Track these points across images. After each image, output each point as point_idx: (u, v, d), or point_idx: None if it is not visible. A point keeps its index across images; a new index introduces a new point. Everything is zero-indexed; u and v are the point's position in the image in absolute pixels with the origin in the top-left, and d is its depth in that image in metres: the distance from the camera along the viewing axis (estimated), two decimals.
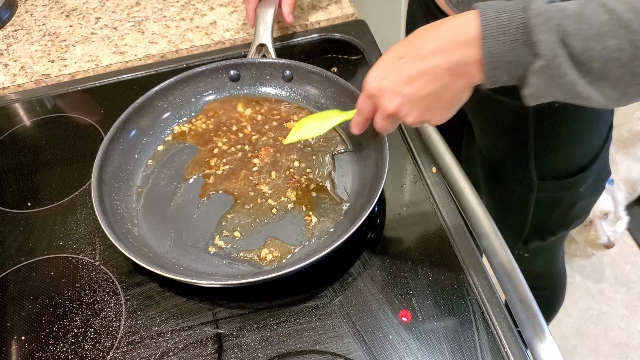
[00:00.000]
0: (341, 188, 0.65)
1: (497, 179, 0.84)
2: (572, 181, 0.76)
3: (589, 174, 0.76)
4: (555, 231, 0.89)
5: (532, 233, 0.88)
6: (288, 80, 0.75)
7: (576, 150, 0.73)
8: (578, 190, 0.78)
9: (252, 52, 0.77)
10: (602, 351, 1.49)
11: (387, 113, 0.53)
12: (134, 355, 0.54)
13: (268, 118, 0.73)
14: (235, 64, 0.75)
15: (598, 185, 0.82)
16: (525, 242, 0.90)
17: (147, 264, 0.55)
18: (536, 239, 0.90)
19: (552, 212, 0.82)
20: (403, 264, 0.58)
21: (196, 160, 0.69)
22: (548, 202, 0.80)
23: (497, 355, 0.51)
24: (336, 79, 0.71)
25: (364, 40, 0.85)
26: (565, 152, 0.73)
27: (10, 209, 0.68)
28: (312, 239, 0.61)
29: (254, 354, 0.53)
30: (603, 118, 0.72)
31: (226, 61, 0.75)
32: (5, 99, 0.83)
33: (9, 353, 0.55)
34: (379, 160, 0.62)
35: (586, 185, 0.78)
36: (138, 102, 0.69)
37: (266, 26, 0.77)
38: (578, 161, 0.75)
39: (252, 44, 0.77)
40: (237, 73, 0.75)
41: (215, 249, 0.61)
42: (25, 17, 0.96)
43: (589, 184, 0.78)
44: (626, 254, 1.68)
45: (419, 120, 0.53)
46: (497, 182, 0.85)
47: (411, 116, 0.52)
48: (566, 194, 0.78)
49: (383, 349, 0.52)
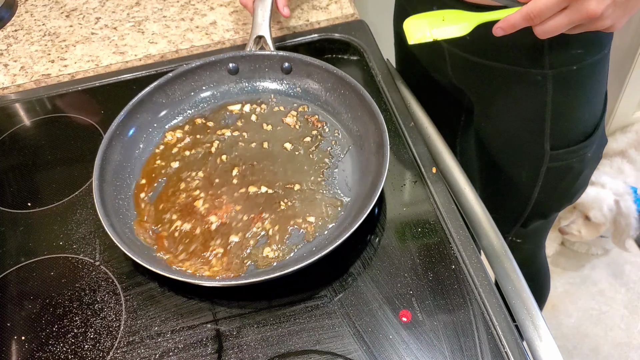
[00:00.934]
0: (342, 183, 0.65)
1: (502, 163, 0.85)
2: (581, 146, 0.78)
3: (595, 138, 0.79)
4: (560, 205, 0.91)
5: (535, 212, 0.90)
6: (287, 72, 0.75)
7: (586, 113, 0.76)
8: (586, 155, 0.80)
9: (251, 44, 0.76)
10: (602, 351, 1.49)
11: (590, 14, 0.50)
12: (134, 355, 0.54)
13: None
14: (234, 56, 0.75)
15: (599, 152, 0.84)
16: (525, 224, 0.93)
17: (149, 264, 0.55)
18: (538, 218, 0.92)
19: (559, 183, 0.84)
20: (403, 264, 0.58)
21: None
22: (558, 173, 0.82)
23: (497, 355, 0.51)
24: (335, 70, 0.70)
25: (364, 40, 0.85)
26: (578, 115, 0.75)
27: (10, 209, 0.68)
28: (312, 239, 0.61)
29: (254, 354, 0.53)
30: (604, 80, 0.75)
31: (224, 54, 0.74)
32: (5, 99, 0.83)
33: (9, 353, 0.55)
34: (380, 154, 0.62)
35: (592, 149, 0.80)
36: (137, 99, 0.69)
37: (264, 17, 0.76)
38: (587, 125, 0.77)
39: (250, 36, 0.77)
40: (236, 66, 0.75)
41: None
42: (25, 17, 0.96)
43: (594, 149, 0.80)
44: (626, 254, 1.67)
45: (611, 24, 0.52)
46: (501, 168, 0.86)
47: (610, 19, 0.51)
48: (576, 161, 0.80)
49: (383, 349, 0.52)
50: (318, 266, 0.56)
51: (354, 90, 0.69)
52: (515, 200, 0.89)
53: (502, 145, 0.83)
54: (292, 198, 0.64)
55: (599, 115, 0.78)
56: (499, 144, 0.84)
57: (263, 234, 0.61)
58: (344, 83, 0.70)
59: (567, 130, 0.77)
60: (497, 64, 0.71)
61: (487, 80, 0.75)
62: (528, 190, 0.85)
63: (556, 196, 0.88)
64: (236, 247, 0.60)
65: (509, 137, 0.81)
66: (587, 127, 0.78)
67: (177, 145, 0.71)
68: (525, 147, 0.80)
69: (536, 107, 0.73)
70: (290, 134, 0.71)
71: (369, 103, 0.66)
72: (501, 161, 0.85)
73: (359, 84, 0.68)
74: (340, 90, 0.71)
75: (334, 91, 0.72)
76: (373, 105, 0.66)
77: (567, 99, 0.72)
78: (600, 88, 0.75)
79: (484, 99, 0.80)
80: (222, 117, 0.74)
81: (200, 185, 0.66)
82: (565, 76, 0.69)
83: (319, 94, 0.74)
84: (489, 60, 0.72)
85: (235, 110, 0.74)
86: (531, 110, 0.74)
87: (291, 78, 0.75)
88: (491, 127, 0.82)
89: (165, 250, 0.60)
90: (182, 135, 0.72)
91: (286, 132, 0.71)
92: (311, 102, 0.74)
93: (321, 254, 0.54)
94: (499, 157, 0.85)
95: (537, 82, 0.70)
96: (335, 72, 0.71)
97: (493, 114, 0.80)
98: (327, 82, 0.72)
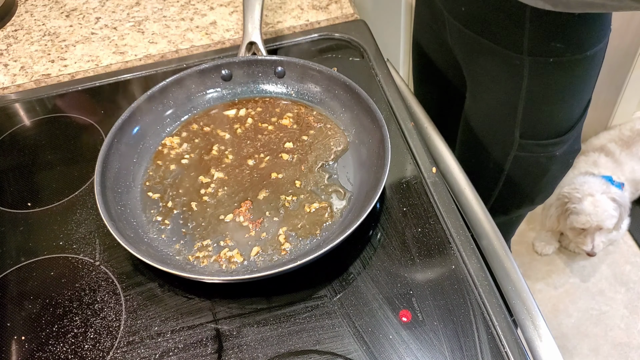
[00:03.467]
0: (344, 180, 0.65)
1: (476, 143, 0.87)
2: (550, 143, 0.79)
3: (566, 139, 0.80)
4: (521, 202, 0.92)
5: (497, 204, 0.91)
6: (280, 76, 0.75)
7: (560, 112, 0.76)
8: (555, 154, 0.81)
9: (242, 50, 0.77)
10: (602, 351, 1.49)
11: None
12: (134, 355, 0.54)
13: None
14: (226, 63, 0.75)
15: (569, 157, 0.85)
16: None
17: (151, 260, 0.55)
18: (500, 213, 0.94)
19: (525, 176, 0.85)
20: (403, 264, 0.58)
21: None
22: (524, 165, 0.83)
23: (497, 355, 0.51)
24: (328, 71, 0.71)
25: (364, 40, 0.85)
26: (550, 111, 0.76)
27: (10, 209, 0.68)
28: (315, 236, 0.61)
29: (254, 354, 0.53)
30: (588, 86, 0.75)
31: (216, 61, 0.75)
32: (5, 99, 0.83)
33: (9, 353, 0.55)
34: (380, 149, 0.62)
35: (562, 150, 0.81)
36: (129, 109, 0.69)
37: (255, 24, 0.77)
38: (559, 124, 0.78)
39: (242, 43, 0.77)
40: (229, 72, 0.75)
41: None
42: (25, 17, 0.96)
43: (564, 150, 0.82)
44: (626, 254, 1.68)
45: None
46: (475, 147, 0.88)
47: None
48: (543, 156, 0.81)
49: (383, 349, 0.52)
50: (318, 266, 0.56)
51: (350, 89, 0.69)
52: (481, 190, 0.90)
53: (479, 124, 0.84)
54: (292, 197, 0.64)
55: (575, 118, 0.78)
56: (476, 123, 0.85)
57: (264, 233, 0.61)
58: (339, 83, 0.70)
59: (537, 123, 0.77)
60: (483, 39, 0.73)
61: (475, 54, 0.77)
62: (494, 179, 0.87)
63: (519, 191, 0.89)
64: (240, 243, 0.60)
65: (485, 116, 0.82)
66: (560, 127, 0.78)
67: (175, 151, 0.71)
68: (498, 129, 0.81)
69: (512, 90, 0.74)
70: (288, 134, 0.71)
71: (365, 100, 0.66)
72: (476, 143, 0.87)
73: (355, 83, 0.68)
74: (335, 90, 0.71)
75: (329, 91, 0.72)
76: (370, 102, 0.66)
77: (540, 90, 0.73)
78: (579, 90, 0.74)
79: (471, 74, 0.81)
80: (218, 122, 0.74)
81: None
82: (541, 67, 0.70)
83: (314, 95, 0.74)
84: (476, 34, 0.73)
85: (230, 115, 0.74)
86: (507, 93, 0.75)
87: (285, 81, 0.75)
88: (473, 104, 0.84)
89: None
90: (180, 141, 0.72)
91: (284, 133, 0.71)
92: (307, 103, 0.74)
93: (321, 252, 0.54)
94: (474, 138, 0.87)
95: (516, 65, 0.71)
96: (328, 73, 0.71)
97: (476, 91, 0.82)
98: (322, 83, 0.73)
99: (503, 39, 0.70)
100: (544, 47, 0.68)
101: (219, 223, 0.63)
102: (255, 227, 0.62)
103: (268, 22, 0.89)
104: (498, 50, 0.72)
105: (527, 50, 0.69)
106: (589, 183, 1.50)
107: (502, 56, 0.72)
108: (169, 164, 0.69)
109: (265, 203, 0.64)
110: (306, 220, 0.62)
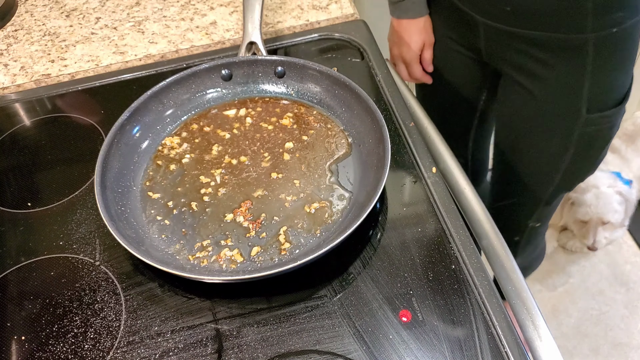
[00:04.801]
0: (344, 179, 0.65)
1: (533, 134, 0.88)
2: (614, 111, 0.82)
3: (624, 105, 0.82)
4: (585, 174, 0.95)
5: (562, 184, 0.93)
6: (280, 76, 0.75)
7: (621, 77, 0.79)
8: (617, 122, 0.84)
9: (242, 50, 0.77)
10: (602, 351, 1.49)
11: None
12: (134, 355, 0.54)
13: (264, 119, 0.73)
14: (226, 63, 0.75)
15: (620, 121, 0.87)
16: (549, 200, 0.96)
17: (151, 260, 0.55)
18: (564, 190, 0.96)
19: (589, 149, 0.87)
20: (403, 264, 0.58)
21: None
22: (589, 139, 0.85)
23: (497, 355, 0.51)
24: (328, 71, 0.71)
25: (364, 40, 0.85)
26: (614, 79, 0.79)
27: (10, 209, 0.68)
28: (315, 235, 0.61)
29: (254, 354, 0.53)
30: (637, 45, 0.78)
31: (216, 61, 0.75)
32: (5, 99, 0.83)
33: (9, 353, 0.55)
34: (380, 148, 0.62)
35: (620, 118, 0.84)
36: (131, 108, 0.69)
37: (254, 24, 0.77)
38: (621, 90, 0.81)
39: (242, 43, 0.77)
40: (229, 72, 0.75)
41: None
42: (25, 17, 0.96)
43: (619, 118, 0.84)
44: (626, 254, 1.68)
45: None
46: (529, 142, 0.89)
47: None
48: (606, 127, 0.84)
49: (383, 349, 0.52)
50: (318, 266, 0.56)
51: (349, 89, 0.69)
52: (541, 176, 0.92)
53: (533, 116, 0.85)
54: (292, 197, 0.64)
55: (629, 82, 0.81)
56: (530, 115, 0.86)
57: (264, 233, 0.61)
58: (339, 83, 0.70)
59: (603, 94, 0.80)
60: (536, 33, 0.75)
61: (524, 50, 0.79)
62: (557, 161, 0.88)
63: (584, 165, 0.91)
64: (241, 243, 0.60)
65: (542, 105, 0.83)
66: (620, 93, 0.81)
67: (175, 151, 0.71)
68: (560, 112, 0.82)
69: (575, 71, 0.76)
70: (288, 134, 0.71)
71: (365, 100, 0.66)
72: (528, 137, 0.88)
73: (355, 83, 0.68)
74: (335, 90, 0.71)
75: (329, 91, 0.72)
76: (370, 102, 0.66)
77: (605, 62, 0.75)
78: (633, 52, 0.78)
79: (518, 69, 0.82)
80: (218, 122, 0.74)
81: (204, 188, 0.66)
82: (605, 39, 0.72)
83: (314, 95, 0.74)
84: (528, 30, 0.75)
85: (230, 115, 0.74)
86: (570, 75, 0.77)
87: (285, 81, 0.75)
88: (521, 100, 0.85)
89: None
90: (180, 141, 0.72)
91: (284, 133, 0.71)
92: (307, 103, 0.74)
93: (324, 250, 0.54)
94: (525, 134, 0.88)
95: (577, 47, 0.73)
96: (328, 73, 0.71)
97: (528, 84, 0.83)
98: (322, 83, 0.73)
99: (563, 25, 0.72)
100: (608, 20, 0.70)
101: (219, 223, 0.63)
102: (255, 227, 0.62)
103: (268, 22, 0.89)
104: (555, 38, 0.74)
105: (590, 28, 0.71)
106: (595, 176, 1.50)
107: (561, 42, 0.74)
108: (169, 163, 0.69)
109: (265, 203, 0.64)
110: (306, 220, 0.62)
